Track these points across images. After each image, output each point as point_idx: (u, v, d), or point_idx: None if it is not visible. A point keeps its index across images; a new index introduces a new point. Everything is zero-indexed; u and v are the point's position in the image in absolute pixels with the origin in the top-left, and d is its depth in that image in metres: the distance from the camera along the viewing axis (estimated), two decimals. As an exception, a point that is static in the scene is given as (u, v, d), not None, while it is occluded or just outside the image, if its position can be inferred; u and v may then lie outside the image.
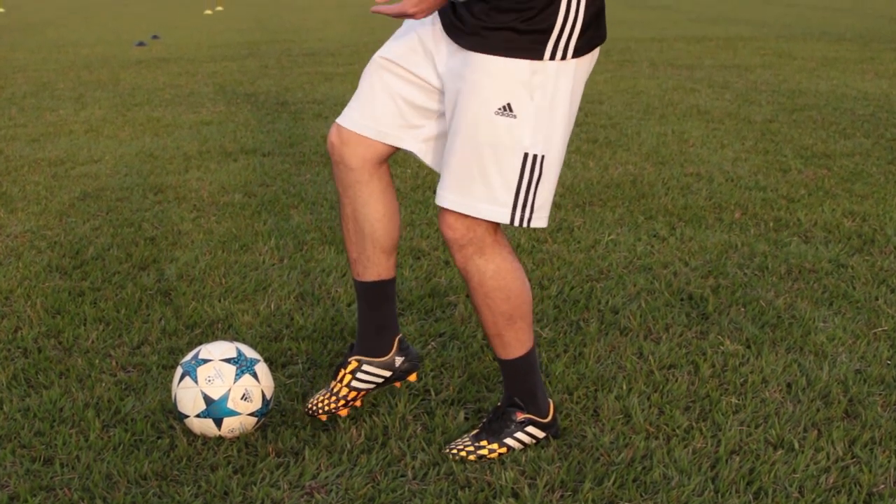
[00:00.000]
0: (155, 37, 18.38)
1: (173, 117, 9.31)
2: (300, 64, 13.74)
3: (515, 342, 3.14)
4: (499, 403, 3.23)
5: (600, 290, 4.53)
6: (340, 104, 9.76)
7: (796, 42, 15.92)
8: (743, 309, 4.29)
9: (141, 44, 16.93)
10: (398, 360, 3.30)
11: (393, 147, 3.11)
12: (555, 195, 6.02)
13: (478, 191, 2.93)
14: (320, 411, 3.23)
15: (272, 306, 4.36)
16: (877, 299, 4.40)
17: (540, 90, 2.88)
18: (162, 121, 9.12)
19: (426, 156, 3.11)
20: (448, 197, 2.96)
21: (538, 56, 2.86)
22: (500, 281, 3.04)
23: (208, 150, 7.67)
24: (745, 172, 6.73)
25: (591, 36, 2.90)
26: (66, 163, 7.31)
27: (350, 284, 4.61)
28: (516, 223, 2.94)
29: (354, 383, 3.25)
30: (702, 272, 4.77)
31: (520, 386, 3.20)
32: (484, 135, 2.89)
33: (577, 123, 8.60)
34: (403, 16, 2.82)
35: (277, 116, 9.25)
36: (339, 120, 3.12)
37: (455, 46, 2.93)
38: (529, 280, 4.61)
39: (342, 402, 3.24)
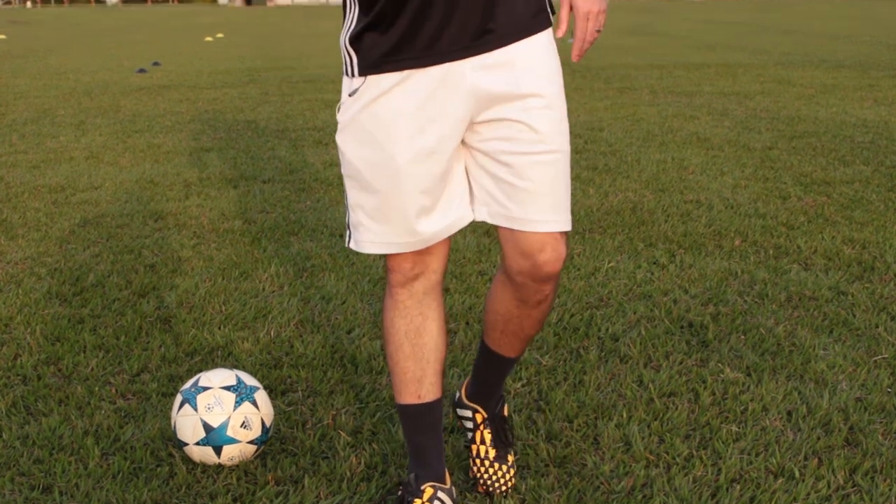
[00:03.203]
0: (156, 63, 18.43)
1: (174, 144, 9.32)
2: (301, 91, 13.76)
3: None
4: (497, 411, 3.18)
5: (600, 317, 4.53)
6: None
7: (795, 69, 15.96)
8: (743, 336, 4.29)
9: (142, 70, 16.97)
10: (454, 491, 3.02)
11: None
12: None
13: (567, 202, 2.76)
14: None
15: (272, 334, 4.35)
16: (877, 327, 4.40)
17: (558, 68, 2.77)
18: (162, 147, 9.13)
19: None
20: (558, 218, 2.72)
21: (550, 21, 2.75)
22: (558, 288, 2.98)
23: (209, 177, 7.68)
24: (744, 199, 6.74)
25: None
26: (66, 189, 7.31)
27: (350, 312, 4.61)
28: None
29: None
30: (702, 300, 4.77)
31: (502, 381, 3.15)
32: (563, 140, 2.73)
33: (577, 150, 8.62)
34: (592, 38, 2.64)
35: (278, 143, 9.27)
36: (404, 247, 2.75)
37: (485, 67, 2.64)
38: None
39: None
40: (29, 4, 65.84)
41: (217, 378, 3.28)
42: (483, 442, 3.15)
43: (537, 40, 2.69)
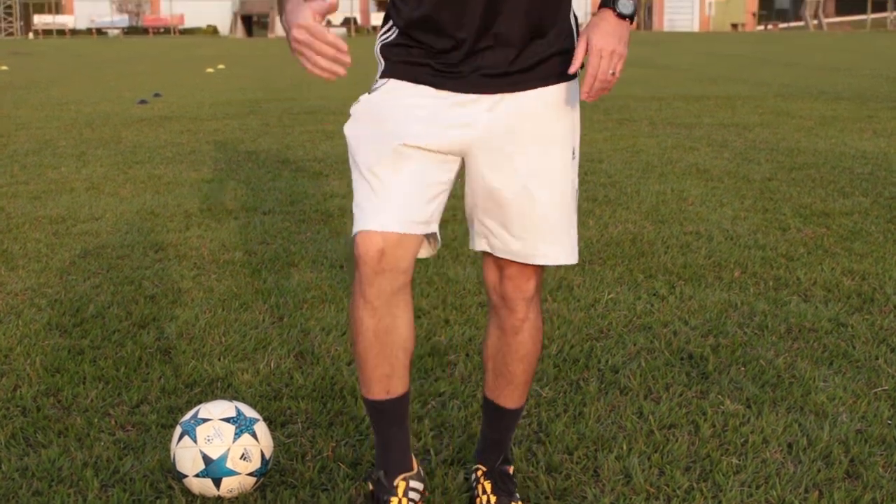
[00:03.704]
0: (157, 95, 18.48)
1: (174, 175, 9.34)
2: (301, 122, 13.80)
3: (530, 387, 3.16)
4: (497, 465, 3.19)
5: (600, 349, 4.52)
6: (341, 162, 9.81)
7: (794, 101, 16.01)
8: (743, 368, 4.29)
9: (143, 102, 17.02)
10: (422, 472, 3.15)
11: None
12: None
13: (564, 239, 2.91)
14: None
15: (272, 365, 4.35)
16: (877, 358, 4.39)
17: (578, 113, 2.92)
18: (163, 178, 9.15)
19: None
20: (550, 252, 2.89)
21: (572, 76, 2.86)
22: (542, 322, 3.07)
23: (209, 208, 7.69)
24: (744, 231, 6.75)
25: None
26: (67, 220, 7.33)
27: (350, 344, 4.61)
28: (577, 259, 2.97)
29: None
30: (702, 331, 4.77)
31: (510, 438, 3.22)
32: (561, 183, 2.88)
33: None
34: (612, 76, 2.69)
35: (278, 174, 9.28)
36: (373, 226, 2.77)
37: (494, 103, 2.80)
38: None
39: None
40: (31, 35, 66.06)
41: (217, 410, 3.28)
42: (484, 492, 3.18)
43: (552, 94, 2.83)
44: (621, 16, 2.70)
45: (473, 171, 2.87)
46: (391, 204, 2.78)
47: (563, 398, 3.99)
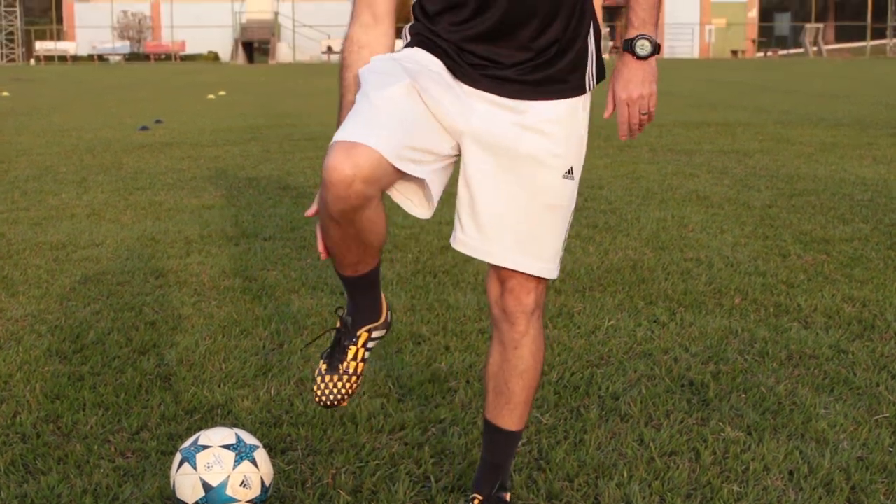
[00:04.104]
0: (158, 121, 18.51)
1: (175, 201, 9.35)
2: (302, 148, 13.82)
3: (530, 410, 3.18)
4: (493, 492, 3.20)
5: (601, 375, 4.52)
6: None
7: (794, 128, 16.03)
8: (744, 395, 4.28)
9: (144, 128, 17.04)
10: (390, 315, 3.18)
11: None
12: (555, 280, 6.03)
13: (547, 252, 2.99)
14: (343, 398, 3.04)
15: (272, 392, 4.35)
16: (878, 385, 4.39)
17: (584, 136, 2.99)
18: (164, 205, 9.16)
19: (433, 185, 2.86)
20: (525, 262, 2.95)
21: (584, 90, 2.95)
22: (544, 340, 3.12)
23: (210, 235, 7.70)
24: (744, 258, 6.75)
25: (601, 60, 3.02)
26: (67, 246, 7.33)
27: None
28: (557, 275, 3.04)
29: (367, 354, 3.11)
30: (702, 358, 4.76)
31: (509, 464, 3.23)
32: (556, 198, 2.97)
33: (577, 208, 8.61)
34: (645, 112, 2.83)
35: (279, 201, 9.29)
36: (352, 137, 2.73)
37: (496, 105, 2.87)
38: (530, 366, 4.61)
39: (356, 378, 3.05)
40: (33, 62, 66.20)
41: (217, 436, 3.27)
42: None
43: (555, 109, 2.89)
44: (640, 58, 2.81)
45: (463, 162, 2.92)
46: (378, 123, 2.73)
47: (563, 425, 3.98)
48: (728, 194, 9.40)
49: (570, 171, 2.97)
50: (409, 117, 2.78)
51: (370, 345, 3.11)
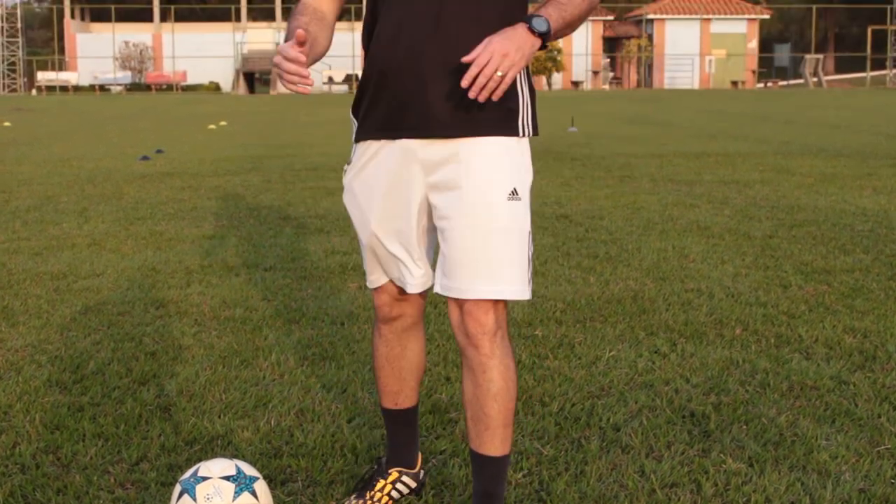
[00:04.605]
0: (159, 151, 18.54)
1: (176, 231, 9.36)
2: (303, 178, 13.84)
3: (511, 433, 3.21)
4: None
5: (601, 407, 4.51)
6: (342, 218, 9.82)
7: (794, 158, 16.06)
8: (745, 426, 4.27)
9: (145, 158, 17.07)
10: (422, 473, 3.63)
11: None
12: (556, 311, 6.03)
13: (506, 275, 3.04)
14: None
15: (272, 423, 4.34)
16: (879, 417, 4.38)
17: (525, 167, 3.15)
18: (164, 235, 9.17)
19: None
20: (479, 288, 3.03)
21: (517, 133, 3.11)
22: (513, 362, 3.15)
23: (210, 265, 7.70)
24: (745, 288, 6.75)
25: (535, 117, 3.20)
26: (68, 276, 7.33)
27: (351, 401, 4.60)
28: (529, 296, 3.13)
29: (394, 493, 3.53)
30: (703, 389, 4.75)
31: (502, 490, 3.22)
32: (502, 220, 3.02)
33: (578, 239, 8.66)
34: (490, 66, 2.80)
35: (280, 231, 9.30)
36: (380, 286, 3.32)
37: (434, 146, 3.05)
38: (531, 397, 4.61)
39: None
40: (34, 92, 66.38)
41: (216, 467, 3.26)
42: None
43: (487, 142, 3.04)
44: (532, 31, 2.85)
45: (431, 203, 3.13)
46: (389, 273, 3.27)
47: (564, 456, 3.97)
48: (729, 225, 9.40)
49: (516, 192, 3.06)
50: (402, 254, 3.21)
51: (399, 486, 3.54)
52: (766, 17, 75.85)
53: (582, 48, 71.63)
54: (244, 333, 5.75)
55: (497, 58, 2.77)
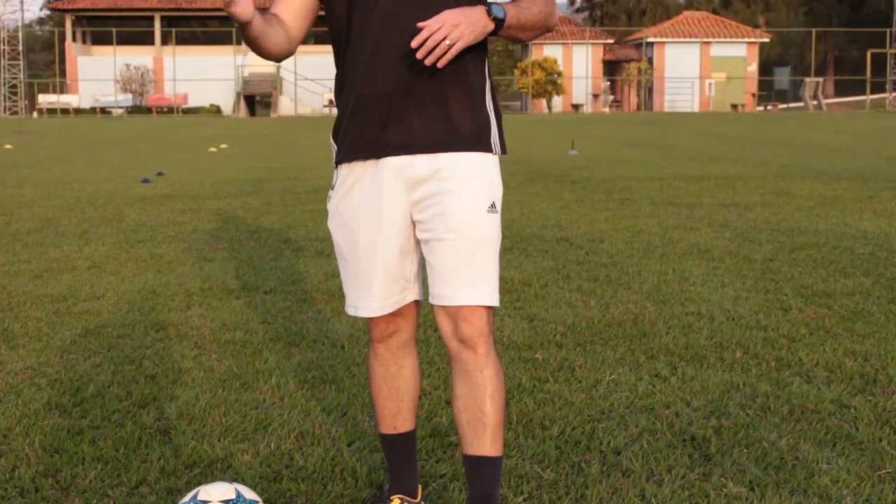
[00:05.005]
0: (160, 173, 18.57)
1: (176, 254, 9.36)
2: (303, 201, 13.85)
3: (504, 434, 3.33)
4: None
5: (602, 430, 4.50)
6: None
7: (795, 181, 16.07)
8: (746, 450, 4.26)
9: (146, 180, 17.09)
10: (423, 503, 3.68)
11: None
12: (556, 334, 6.02)
13: (487, 281, 3.20)
14: None
15: (272, 446, 4.33)
16: (880, 440, 4.37)
17: (499, 182, 3.29)
18: (165, 257, 9.17)
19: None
20: (464, 295, 3.17)
21: (491, 150, 3.27)
22: (501, 365, 3.31)
23: (210, 288, 7.70)
24: (745, 311, 6.74)
25: (503, 137, 3.36)
26: (68, 299, 7.33)
27: (351, 425, 4.59)
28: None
29: None
30: (704, 413, 4.75)
31: (498, 490, 3.31)
32: (485, 231, 3.19)
33: (579, 262, 8.66)
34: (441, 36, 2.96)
35: (280, 254, 9.30)
36: (370, 313, 3.37)
37: (418, 163, 3.19)
38: (531, 421, 4.60)
39: None
40: (35, 114, 66.46)
41: (216, 491, 3.25)
42: None
43: (466, 157, 3.20)
44: (489, 13, 3.05)
45: (415, 219, 3.26)
46: (375, 296, 3.34)
47: (564, 480, 3.96)
48: (729, 248, 9.40)
49: (494, 206, 3.23)
50: (387, 273, 3.32)
51: None
52: (766, 40, 76.06)
53: (582, 71, 71.79)
54: (244, 356, 5.75)
55: (447, 27, 2.94)
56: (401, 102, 3.17)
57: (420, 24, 2.97)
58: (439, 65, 2.98)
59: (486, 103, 3.28)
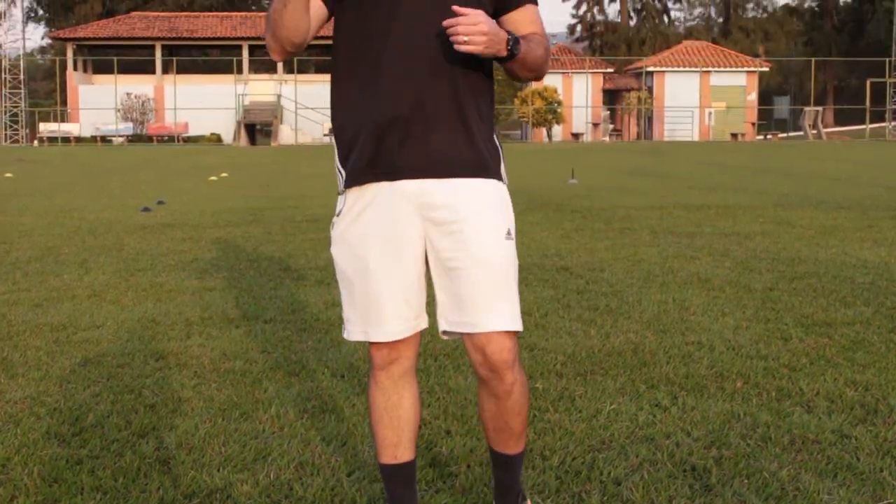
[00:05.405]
0: (160, 202, 18.59)
1: (176, 283, 9.36)
2: (303, 230, 13.86)
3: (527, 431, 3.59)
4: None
5: (602, 460, 4.49)
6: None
7: (794, 210, 16.09)
8: (746, 481, 4.25)
9: (146, 209, 17.11)
10: None
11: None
12: (556, 364, 6.01)
13: (510, 307, 3.28)
14: None
15: (272, 476, 4.32)
16: (881, 471, 4.36)
17: (511, 209, 3.39)
18: (165, 286, 9.17)
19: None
20: (498, 321, 3.25)
21: (501, 178, 3.38)
22: (526, 377, 3.49)
23: (210, 317, 7.69)
24: (746, 341, 6.74)
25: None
26: (67, 328, 7.32)
27: (351, 455, 4.58)
28: None
29: None
30: (704, 443, 4.73)
31: (520, 475, 3.63)
32: (506, 258, 3.29)
33: (579, 291, 8.65)
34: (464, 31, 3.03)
35: (280, 283, 9.30)
36: (376, 339, 3.38)
37: (433, 188, 3.25)
38: (531, 451, 4.59)
39: None
40: (36, 143, 66.59)
41: (215, 522, 3.25)
42: None
43: (483, 184, 3.29)
44: (509, 42, 3.13)
45: (428, 246, 3.32)
46: (388, 321, 3.35)
47: (565, 511, 3.95)
48: (729, 277, 9.40)
49: (510, 233, 3.32)
50: (397, 299, 3.35)
51: None
52: (766, 69, 76.27)
53: (582, 100, 71.96)
54: (244, 386, 5.74)
55: (477, 27, 3.03)
56: (417, 126, 3.21)
57: (457, 9, 3.03)
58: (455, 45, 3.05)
59: (494, 134, 3.38)
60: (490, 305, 3.24)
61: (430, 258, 3.31)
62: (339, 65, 3.33)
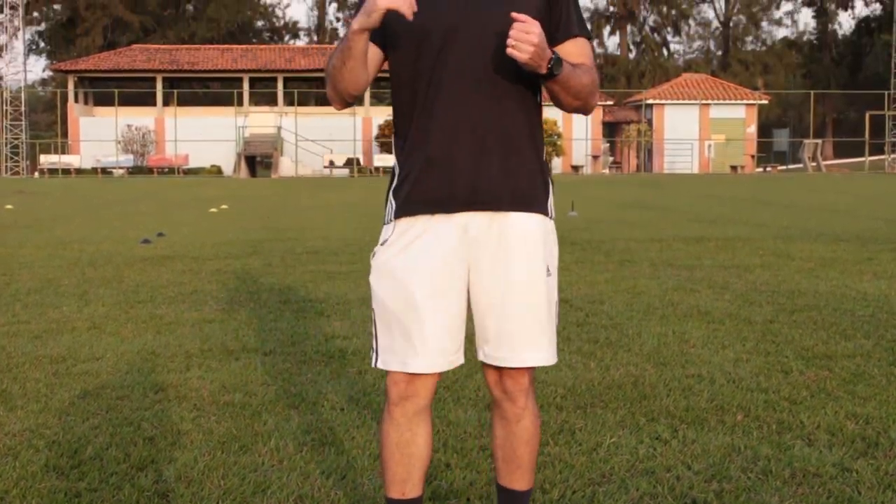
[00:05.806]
0: (160, 234, 18.60)
1: (176, 315, 9.35)
2: (303, 262, 13.86)
3: (535, 468, 3.67)
4: None
5: (602, 494, 4.48)
6: (343, 303, 9.83)
7: (794, 243, 16.09)
8: (747, 514, 4.24)
9: (146, 241, 17.11)
10: None
11: None
12: (556, 396, 6.01)
13: (545, 344, 3.42)
14: None
15: (271, 509, 4.30)
16: (883, 505, 4.35)
17: (556, 245, 3.50)
18: (164, 318, 9.16)
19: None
20: (523, 357, 3.39)
21: (549, 214, 3.46)
22: (538, 409, 3.60)
23: (210, 349, 7.68)
24: (746, 374, 6.73)
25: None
26: (67, 360, 7.32)
27: (351, 488, 4.57)
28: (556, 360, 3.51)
29: None
30: (705, 476, 4.72)
31: None
32: (548, 295, 3.42)
33: (578, 324, 8.65)
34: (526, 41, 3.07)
35: (280, 315, 9.29)
36: (418, 368, 3.36)
37: (486, 223, 3.34)
38: (531, 483, 4.58)
39: None
40: (37, 175, 66.70)
41: (214, 556, 3.24)
42: None
43: (530, 218, 3.38)
44: (551, 60, 3.16)
45: (472, 279, 3.40)
46: (429, 353, 3.35)
47: (565, 545, 3.94)
48: (729, 310, 9.40)
49: (549, 270, 3.42)
50: (438, 327, 3.37)
51: None
52: (765, 102, 76.48)
53: (582, 133, 72.09)
54: (243, 419, 5.73)
55: (528, 37, 3.05)
56: (469, 160, 3.30)
57: (516, 16, 3.08)
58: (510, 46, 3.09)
59: (544, 167, 3.47)
60: (527, 342, 3.37)
61: (472, 290, 3.40)
62: (398, 97, 3.41)
